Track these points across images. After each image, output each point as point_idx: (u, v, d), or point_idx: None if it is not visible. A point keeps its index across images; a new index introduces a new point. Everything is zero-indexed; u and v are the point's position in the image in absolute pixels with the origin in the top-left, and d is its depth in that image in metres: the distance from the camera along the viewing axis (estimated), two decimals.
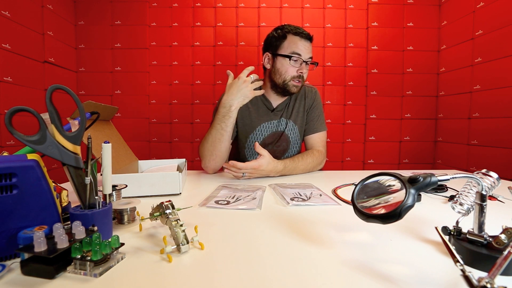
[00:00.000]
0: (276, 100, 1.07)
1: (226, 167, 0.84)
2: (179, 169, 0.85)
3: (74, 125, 0.44)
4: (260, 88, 1.04)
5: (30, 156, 0.36)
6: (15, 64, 1.47)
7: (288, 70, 0.97)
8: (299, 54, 0.95)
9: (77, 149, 0.39)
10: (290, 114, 1.07)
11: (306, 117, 1.10)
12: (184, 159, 0.92)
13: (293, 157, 0.95)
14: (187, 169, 0.96)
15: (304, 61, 0.97)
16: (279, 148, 1.08)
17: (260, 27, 2.03)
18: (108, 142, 0.42)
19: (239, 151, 1.10)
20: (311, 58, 0.99)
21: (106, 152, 0.42)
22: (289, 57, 0.95)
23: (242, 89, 0.88)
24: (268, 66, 1.03)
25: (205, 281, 0.31)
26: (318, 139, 1.07)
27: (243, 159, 1.09)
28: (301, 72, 0.97)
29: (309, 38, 0.98)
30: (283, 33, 0.98)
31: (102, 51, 2.01)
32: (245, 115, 1.05)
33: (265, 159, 0.84)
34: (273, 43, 1.00)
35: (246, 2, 2.03)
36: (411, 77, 2.04)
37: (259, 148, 0.84)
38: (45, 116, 0.39)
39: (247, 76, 0.89)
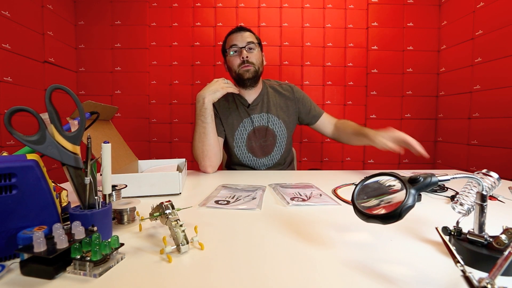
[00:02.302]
0: (249, 96, 1.13)
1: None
2: (179, 169, 0.84)
3: (74, 125, 0.44)
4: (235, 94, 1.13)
5: (30, 156, 0.36)
6: (15, 64, 1.47)
7: (233, 61, 1.07)
8: (235, 44, 1.05)
9: (77, 149, 0.39)
10: (268, 107, 1.13)
11: (300, 111, 1.16)
12: (184, 159, 0.92)
13: (359, 127, 1.05)
14: (187, 169, 0.96)
15: (242, 48, 1.04)
16: (266, 142, 1.12)
17: (260, 27, 2.03)
18: (108, 142, 0.42)
19: (230, 153, 1.14)
20: (251, 42, 1.06)
21: (106, 152, 0.42)
22: (227, 50, 1.07)
23: (213, 84, 1.00)
24: (227, 71, 1.14)
25: (205, 281, 0.31)
26: (328, 117, 1.17)
27: (234, 159, 1.13)
28: (243, 58, 1.04)
29: (240, 29, 1.08)
30: (224, 40, 1.11)
31: (102, 51, 2.01)
32: (227, 116, 1.10)
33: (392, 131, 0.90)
34: (222, 52, 1.14)
35: (246, 2, 2.03)
36: (411, 77, 2.04)
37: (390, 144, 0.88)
38: (45, 116, 0.39)
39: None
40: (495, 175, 0.37)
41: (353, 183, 0.79)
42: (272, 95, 1.14)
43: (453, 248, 0.29)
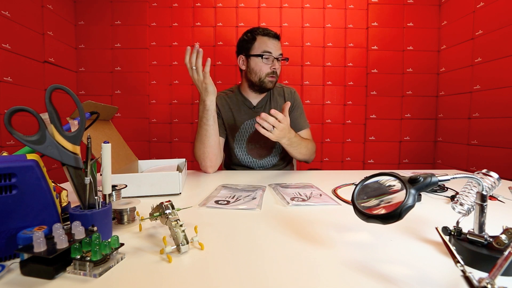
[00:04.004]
0: (255, 98, 1.12)
1: (258, 121, 0.81)
2: (179, 169, 0.84)
3: (74, 125, 0.44)
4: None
5: (30, 156, 0.36)
6: (15, 64, 1.47)
7: (262, 68, 1.04)
8: (270, 52, 1.03)
9: (77, 149, 0.39)
10: (270, 109, 1.10)
11: (290, 116, 1.12)
12: (184, 159, 0.92)
13: (299, 136, 0.97)
14: (187, 169, 0.96)
15: (275, 58, 1.04)
16: (266, 144, 1.11)
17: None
18: (108, 142, 0.42)
19: (231, 154, 1.14)
20: (281, 54, 1.06)
21: (106, 152, 0.42)
22: (261, 55, 1.03)
23: (199, 85, 0.90)
24: (243, 68, 1.10)
25: (205, 281, 0.31)
26: (305, 135, 1.11)
27: (234, 160, 1.14)
28: (274, 68, 1.04)
29: (276, 37, 1.06)
30: (252, 35, 1.06)
31: (102, 51, 2.01)
32: (229, 117, 1.10)
33: (287, 119, 0.85)
34: (244, 46, 1.08)
35: (246, 2, 2.03)
36: (411, 77, 2.04)
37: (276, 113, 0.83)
38: (45, 116, 0.39)
39: (190, 56, 0.86)
40: (495, 175, 0.37)
41: (353, 183, 0.79)
42: (275, 97, 1.15)
43: (453, 248, 0.29)
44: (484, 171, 0.38)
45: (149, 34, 2.03)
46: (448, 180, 0.34)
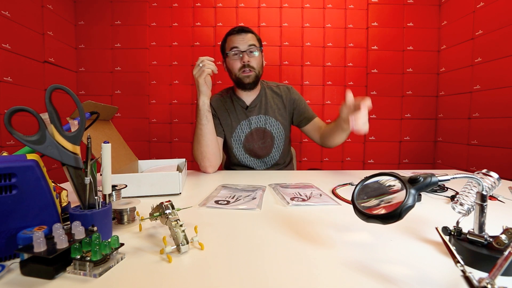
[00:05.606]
0: (247, 97, 1.12)
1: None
2: (179, 169, 0.84)
3: (74, 125, 0.44)
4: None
5: (30, 156, 0.36)
6: (15, 64, 1.47)
7: (233, 64, 1.05)
8: (236, 47, 1.03)
9: (77, 149, 0.39)
10: (266, 109, 1.12)
11: (294, 112, 1.16)
12: (184, 159, 0.92)
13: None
14: (187, 169, 0.96)
15: (244, 51, 1.03)
16: (265, 144, 1.12)
17: (260, 27, 2.03)
18: (108, 142, 0.42)
19: (230, 154, 1.15)
20: (252, 46, 1.04)
21: (106, 152, 0.42)
22: (227, 53, 1.05)
23: (197, 86, 0.96)
24: (226, 70, 1.12)
25: (205, 281, 0.31)
26: (318, 123, 1.14)
27: (233, 160, 1.14)
28: (244, 62, 1.03)
29: (242, 30, 1.05)
30: (224, 38, 1.09)
31: (102, 51, 2.01)
32: (225, 117, 1.11)
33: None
34: (221, 50, 1.11)
35: (246, 2, 2.03)
36: (411, 77, 2.04)
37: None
38: (45, 116, 0.39)
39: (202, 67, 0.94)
40: (495, 175, 0.37)
41: (350, 183, 0.78)
42: (270, 97, 1.14)
43: (453, 248, 0.29)
44: (484, 171, 0.38)
45: (149, 34, 2.03)
46: (448, 180, 0.34)
